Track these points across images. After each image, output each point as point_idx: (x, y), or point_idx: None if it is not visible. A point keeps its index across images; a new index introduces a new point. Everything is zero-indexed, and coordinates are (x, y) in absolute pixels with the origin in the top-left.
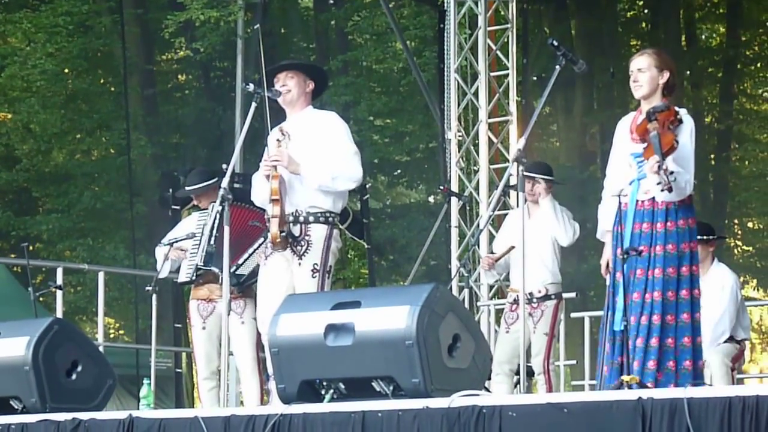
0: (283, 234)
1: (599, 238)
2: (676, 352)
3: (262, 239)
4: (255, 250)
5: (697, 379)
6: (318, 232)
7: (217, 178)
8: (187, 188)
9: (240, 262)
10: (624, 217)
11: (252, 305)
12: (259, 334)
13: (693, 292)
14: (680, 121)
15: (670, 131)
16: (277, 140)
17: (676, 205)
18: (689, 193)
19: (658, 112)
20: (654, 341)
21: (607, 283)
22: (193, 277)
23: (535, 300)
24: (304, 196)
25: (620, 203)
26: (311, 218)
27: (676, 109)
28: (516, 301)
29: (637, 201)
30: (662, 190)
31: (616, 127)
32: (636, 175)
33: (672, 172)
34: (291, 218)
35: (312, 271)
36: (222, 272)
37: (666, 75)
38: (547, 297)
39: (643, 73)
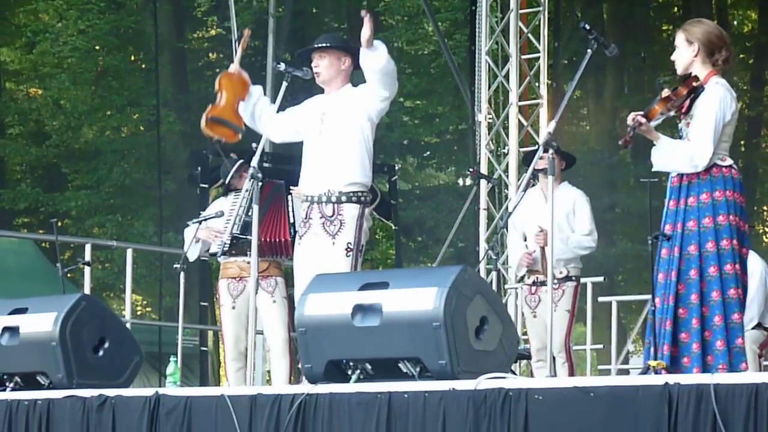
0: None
1: None
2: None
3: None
4: None
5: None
6: (351, 212)
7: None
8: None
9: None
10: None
11: (283, 284)
12: (291, 314)
13: (735, 267)
14: (699, 91)
15: (668, 105)
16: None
17: (700, 179)
18: (702, 167)
19: (667, 86)
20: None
21: None
22: (226, 248)
23: (555, 281)
24: (338, 175)
25: None
26: (344, 198)
27: (696, 83)
28: (535, 283)
29: (671, 178)
30: (620, 142)
31: None
32: None
33: (635, 128)
34: (324, 198)
35: (346, 250)
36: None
37: (695, 46)
38: (567, 278)
39: (677, 50)
